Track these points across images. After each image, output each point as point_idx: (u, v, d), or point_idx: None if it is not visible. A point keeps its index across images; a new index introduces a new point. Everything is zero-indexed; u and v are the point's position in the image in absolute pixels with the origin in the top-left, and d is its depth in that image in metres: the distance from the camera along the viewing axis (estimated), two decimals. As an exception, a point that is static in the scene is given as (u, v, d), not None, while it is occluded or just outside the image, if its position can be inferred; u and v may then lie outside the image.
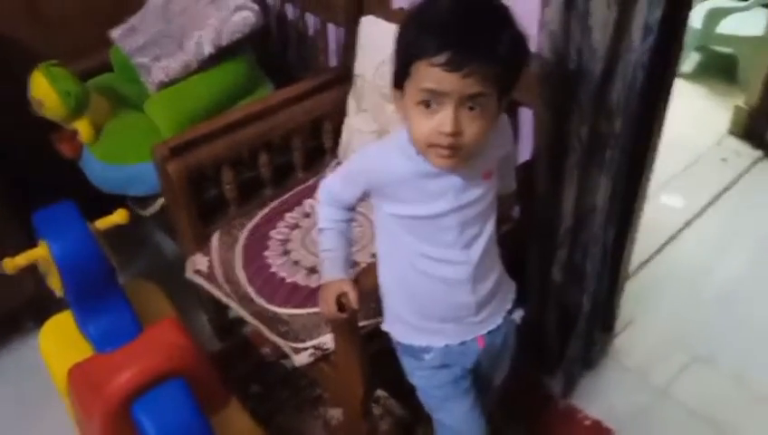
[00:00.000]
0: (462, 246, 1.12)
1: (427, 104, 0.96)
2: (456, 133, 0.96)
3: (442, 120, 0.96)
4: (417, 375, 1.29)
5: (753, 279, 2.17)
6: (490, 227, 1.15)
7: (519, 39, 0.97)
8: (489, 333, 1.23)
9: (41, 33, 2.11)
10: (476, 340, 1.22)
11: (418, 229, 1.12)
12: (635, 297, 2.04)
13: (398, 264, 1.18)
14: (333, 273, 1.21)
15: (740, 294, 2.11)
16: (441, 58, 0.91)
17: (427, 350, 1.22)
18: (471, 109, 0.96)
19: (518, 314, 1.28)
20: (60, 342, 1.53)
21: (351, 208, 1.23)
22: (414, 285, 1.17)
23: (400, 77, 1.00)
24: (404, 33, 0.98)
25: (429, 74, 0.93)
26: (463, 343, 1.21)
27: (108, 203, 1.59)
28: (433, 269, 1.14)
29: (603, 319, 1.89)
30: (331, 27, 1.98)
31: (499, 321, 1.24)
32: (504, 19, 0.97)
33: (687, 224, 2.38)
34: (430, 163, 1.04)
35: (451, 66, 0.91)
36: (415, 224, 1.11)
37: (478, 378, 1.31)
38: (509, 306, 1.26)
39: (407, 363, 1.29)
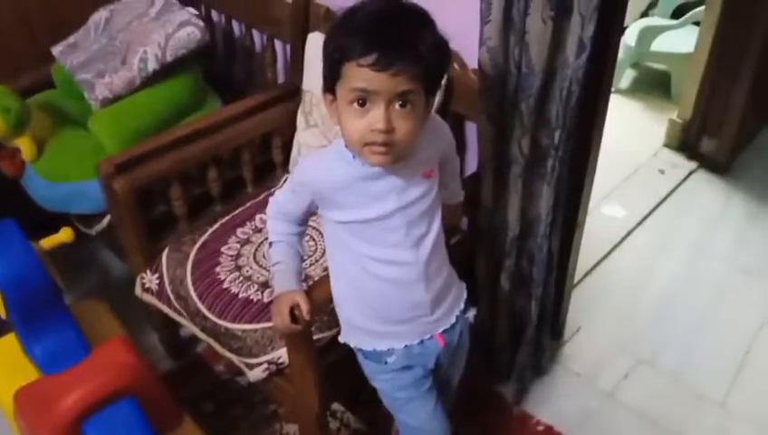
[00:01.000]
0: (410, 245, 1.15)
1: (359, 102, 1.00)
2: (389, 130, 1.00)
3: (374, 117, 1.00)
4: (379, 379, 1.30)
5: (688, 284, 2.26)
6: (436, 227, 1.18)
7: (440, 41, 1.03)
8: (446, 331, 1.25)
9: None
10: (435, 338, 1.24)
11: (366, 233, 1.14)
12: (581, 305, 2.11)
13: (350, 271, 1.19)
14: (285, 285, 1.22)
15: (677, 299, 2.20)
16: (369, 59, 0.96)
17: (388, 353, 1.23)
18: (401, 106, 1.00)
19: (471, 314, 1.31)
20: (5, 365, 1.49)
21: (300, 222, 1.25)
22: (367, 289, 1.19)
23: (331, 80, 1.03)
24: (332, 37, 1.02)
25: (359, 74, 0.97)
26: (422, 343, 1.23)
27: (52, 222, 1.56)
28: (384, 272, 1.16)
29: (552, 327, 1.94)
30: (277, 43, 2.00)
31: (453, 319, 1.26)
32: (426, 22, 1.02)
33: (628, 233, 2.47)
34: (367, 163, 1.07)
35: (379, 66, 0.96)
36: (362, 228, 1.13)
37: (438, 379, 1.33)
38: (462, 305, 1.29)
39: (368, 368, 1.30)
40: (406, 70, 0.97)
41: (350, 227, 1.14)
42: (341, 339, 1.28)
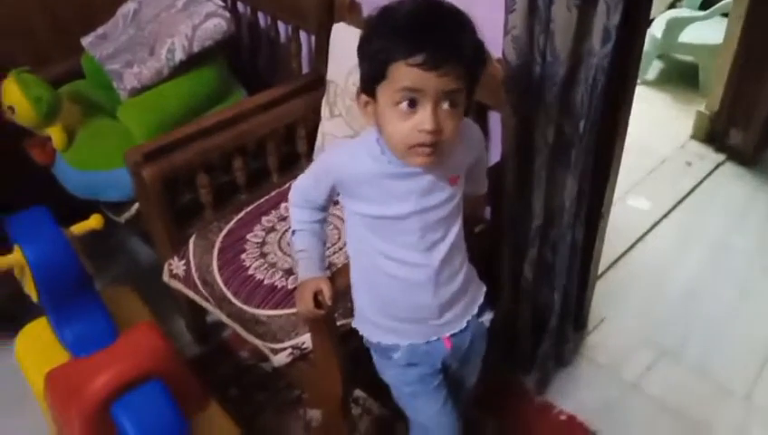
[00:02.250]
0: (423, 249, 1.14)
1: (408, 103, 0.99)
2: (437, 130, 1.00)
3: (422, 118, 0.99)
4: (387, 373, 1.31)
5: (714, 277, 2.24)
6: (453, 234, 1.17)
7: (479, 42, 1.02)
8: (455, 335, 1.25)
9: (6, 41, 2.11)
10: (442, 340, 1.24)
11: (381, 229, 1.14)
12: (605, 296, 2.10)
13: (363, 262, 1.20)
14: (309, 272, 1.23)
15: (702, 292, 2.18)
16: (418, 58, 0.95)
17: (393, 348, 1.24)
18: (450, 106, 1.00)
19: (487, 318, 1.30)
20: (36, 348, 1.53)
21: (322, 209, 1.25)
22: (376, 284, 1.20)
23: (372, 81, 1.02)
24: (372, 37, 1.01)
25: (408, 74, 0.97)
26: (428, 343, 1.24)
27: (82, 210, 1.59)
28: (394, 270, 1.16)
29: (575, 318, 1.94)
30: (302, 34, 2.01)
31: (463, 324, 1.25)
32: (466, 22, 1.02)
33: (654, 225, 2.45)
34: (402, 165, 1.06)
35: (429, 65, 0.95)
36: (378, 224, 1.14)
37: (449, 378, 1.33)
38: (475, 310, 1.28)
39: (377, 361, 1.31)
40: (452, 69, 0.97)
41: (366, 220, 1.15)
42: (353, 324, 1.29)
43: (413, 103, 0.99)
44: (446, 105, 0.99)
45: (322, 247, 1.28)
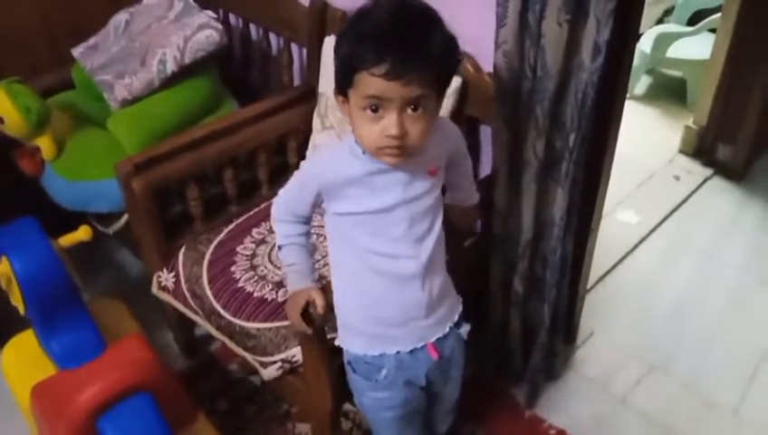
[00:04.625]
0: (412, 240, 1.15)
1: (372, 109, 1.01)
2: (402, 135, 1.02)
3: (387, 123, 1.01)
4: (367, 397, 1.30)
5: (702, 290, 2.25)
6: (437, 228, 1.19)
7: (450, 39, 1.03)
8: (438, 341, 1.25)
9: (1, 51, 2.10)
10: (427, 350, 1.24)
11: (369, 225, 1.15)
12: (594, 310, 2.11)
13: (351, 265, 1.20)
14: (299, 284, 1.24)
15: (690, 305, 2.19)
16: (381, 68, 0.96)
17: (379, 367, 1.23)
18: (413, 110, 1.01)
19: (465, 330, 1.31)
20: (22, 360, 1.51)
21: (306, 221, 1.26)
22: (366, 285, 1.19)
23: (343, 85, 1.04)
24: (343, 43, 1.03)
25: (371, 83, 0.98)
26: (414, 353, 1.24)
27: (70, 221, 1.58)
28: (384, 265, 1.16)
29: (565, 331, 1.95)
30: (294, 47, 2.02)
31: (446, 329, 1.26)
32: (435, 22, 1.02)
33: (642, 239, 2.46)
34: (382, 161, 1.08)
35: (391, 75, 0.96)
36: (365, 220, 1.14)
37: (429, 399, 1.34)
38: (456, 318, 1.29)
39: (358, 384, 1.29)
40: (417, 76, 0.98)
41: (353, 219, 1.15)
42: (337, 342, 1.28)
43: (377, 109, 1.01)
44: (410, 110, 1.01)
45: (311, 259, 1.28)
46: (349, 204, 1.14)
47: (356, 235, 1.16)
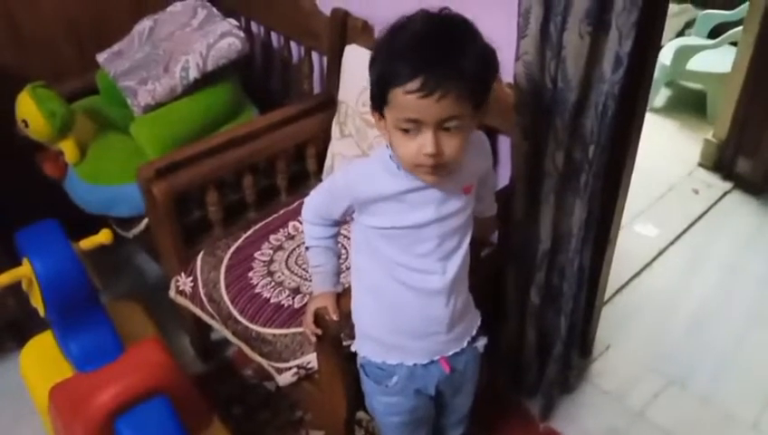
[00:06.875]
0: (440, 257, 1.15)
1: (407, 129, 1.00)
2: (438, 154, 1.00)
3: (423, 142, 1.00)
4: (377, 400, 1.30)
5: (721, 304, 2.23)
6: (466, 244, 1.19)
7: (487, 52, 1.01)
8: (453, 357, 1.25)
9: (23, 56, 2.14)
10: (440, 364, 1.25)
11: (399, 240, 1.14)
12: (611, 323, 2.09)
13: (375, 276, 1.20)
14: (323, 286, 1.26)
15: (709, 319, 2.17)
16: (414, 84, 0.95)
17: (391, 374, 1.24)
18: (449, 128, 1.00)
19: (481, 343, 1.31)
20: (41, 362, 1.53)
21: (336, 224, 1.26)
22: (390, 295, 1.19)
23: (378, 103, 1.03)
24: (376, 61, 1.02)
25: (406, 102, 0.97)
26: (427, 366, 1.24)
27: (91, 224, 1.60)
28: (411, 280, 1.16)
29: (581, 344, 1.93)
30: (315, 55, 2.03)
31: (464, 344, 1.26)
32: (471, 35, 1.01)
33: (661, 252, 2.44)
34: (419, 178, 1.07)
35: (425, 91, 0.95)
36: (396, 234, 1.14)
37: (438, 408, 1.34)
38: (474, 332, 1.29)
39: (369, 388, 1.30)
40: (451, 92, 0.96)
41: (385, 233, 1.15)
42: (354, 347, 1.29)
43: (414, 128, 0.99)
44: (446, 128, 1.00)
45: (337, 262, 1.29)
46: (380, 219, 1.14)
47: (383, 247, 1.16)
